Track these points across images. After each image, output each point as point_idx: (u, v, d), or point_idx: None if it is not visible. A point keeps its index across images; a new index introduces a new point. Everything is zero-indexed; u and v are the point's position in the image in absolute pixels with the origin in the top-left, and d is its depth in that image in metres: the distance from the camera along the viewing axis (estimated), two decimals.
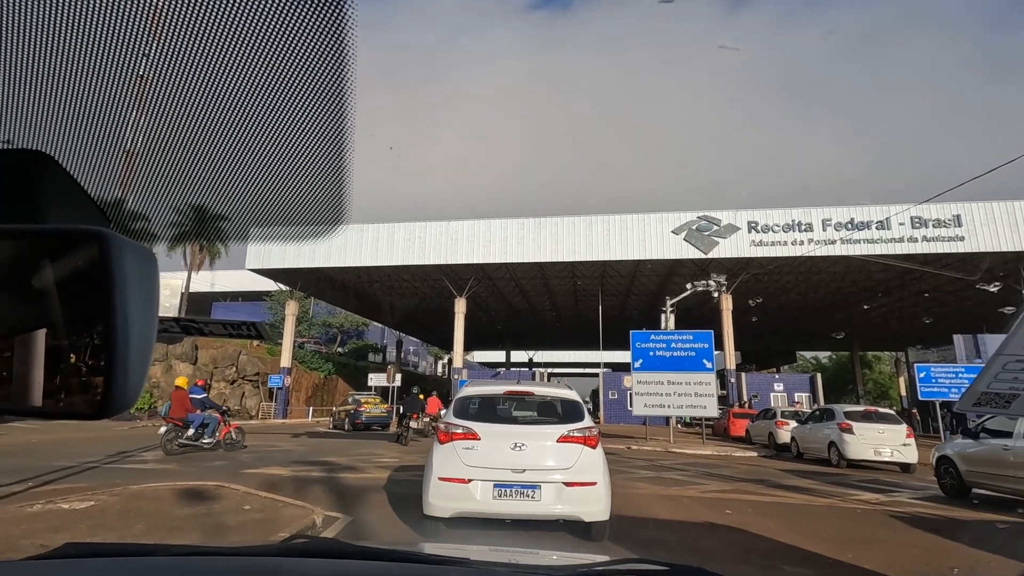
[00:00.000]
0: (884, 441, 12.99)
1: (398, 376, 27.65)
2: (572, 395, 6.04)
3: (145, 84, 0.87)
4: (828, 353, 57.97)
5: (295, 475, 9.61)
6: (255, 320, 39.29)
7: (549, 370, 55.02)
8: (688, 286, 20.97)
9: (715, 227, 28.19)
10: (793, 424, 17.64)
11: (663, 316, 19.51)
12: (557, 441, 5.32)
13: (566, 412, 5.77)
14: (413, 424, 15.74)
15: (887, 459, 12.91)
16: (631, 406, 34.25)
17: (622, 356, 54.86)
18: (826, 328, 43.29)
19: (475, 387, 6.20)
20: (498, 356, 54.03)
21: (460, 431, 5.36)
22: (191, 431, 12.21)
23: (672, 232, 28.43)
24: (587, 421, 5.63)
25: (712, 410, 17.71)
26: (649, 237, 28.59)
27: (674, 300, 20.21)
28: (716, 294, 21.27)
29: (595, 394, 53.16)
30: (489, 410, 5.83)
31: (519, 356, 56.57)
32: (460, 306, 31.80)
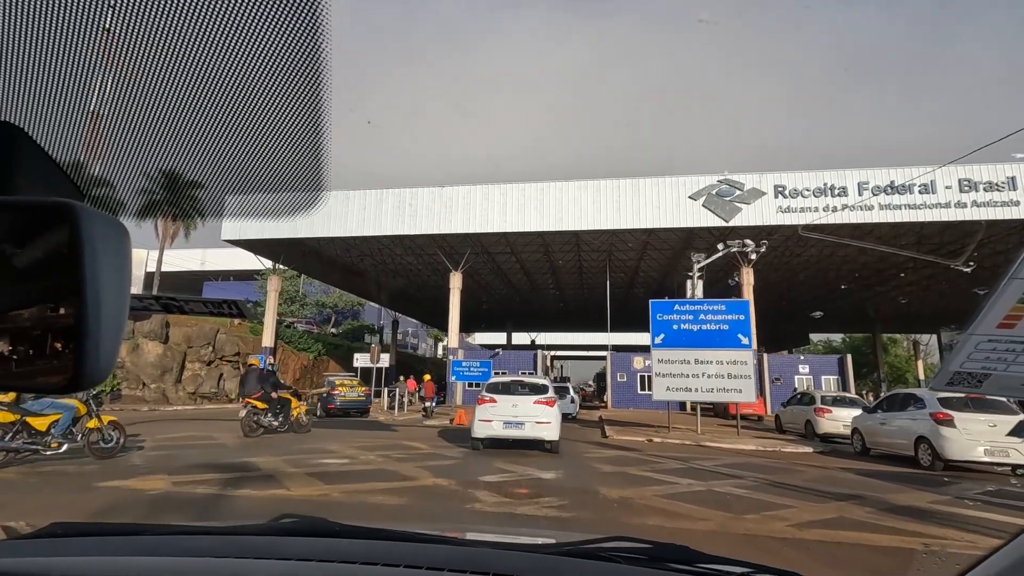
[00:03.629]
0: (998, 436, 9.45)
1: (385, 357, 24.22)
2: (544, 381, 11.52)
3: (112, 38, 0.77)
4: (840, 336, 54.34)
5: (170, 491, 6.17)
6: (237, 298, 35.97)
7: (552, 352, 51.72)
8: (720, 246, 17.35)
9: (737, 191, 24.50)
10: (839, 411, 14.48)
11: (689, 283, 15.96)
12: (533, 403, 10.36)
13: (539, 389, 10.85)
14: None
15: (1002, 460, 9.38)
16: (642, 389, 30.80)
17: (628, 338, 51.31)
18: (846, 310, 39.64)
19: (497, 379, 11.80)
20: (500, 338, 50.58)
21: (488, 398, 10.58)
22: (431, 404, 19.49)
23: (689, 198, 24.77)
24: (549, 394, 10.65)
25: (749, 394, 14.19)
26: (664, 203, 24.94)
27: (702, 263, 16.61)
28: (744, 256, 17.48)
29: (600, 377, 49.69)
30: (503, 388, 10.90)
31: (522, 338, 53.12)
32: (455, 281, 28.29)
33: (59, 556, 1.04)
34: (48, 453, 7.51)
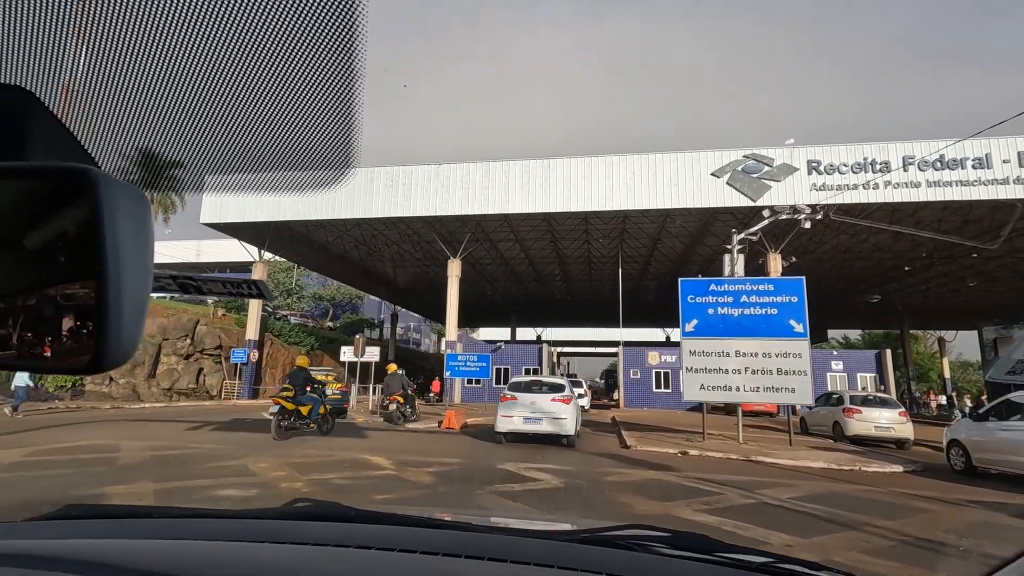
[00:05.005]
0: None
1: (374, 350, 21.27)
2: (560, 380, 11.56)
3: (87, 5, 0.69)
4: (858, 332, 50.93)
5: None
6: (258, 279, 33.36)
7: (558, 349, 48.76)
8: (766, 212, 14.21)
9: (766, 168, 21.36)
10: (869, 412, 13.20)
11: (727, 258, 12.79)
12: (550, 400, 10.44)
13: (557, 388, 10.87)
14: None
15: None
16: (658, 387, 27.43)
17: (639, 334, 48.10)
18: (871, 303, 36.28)
19: (518, 378, 11.70)
20: (504, 334, 47.60)
21: (510, 396, 10.66)
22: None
23: (712, 175, 21.65)
24: (565, 392, 10.70)
25: (805, 394, 11.11)
26: (682, 181, 21.85)
27: (745, 233, 13.47)
28: (791, 226, 14.27)
29: (609, 374, 46.50)
30: (523, 387, 10.91)
31: (528, 334, 50.07)
32: (454, 269, 25.33)
33: (74, 538, 1.01)
34: (306, 430, 10.56)
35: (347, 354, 22.07)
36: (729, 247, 12.74)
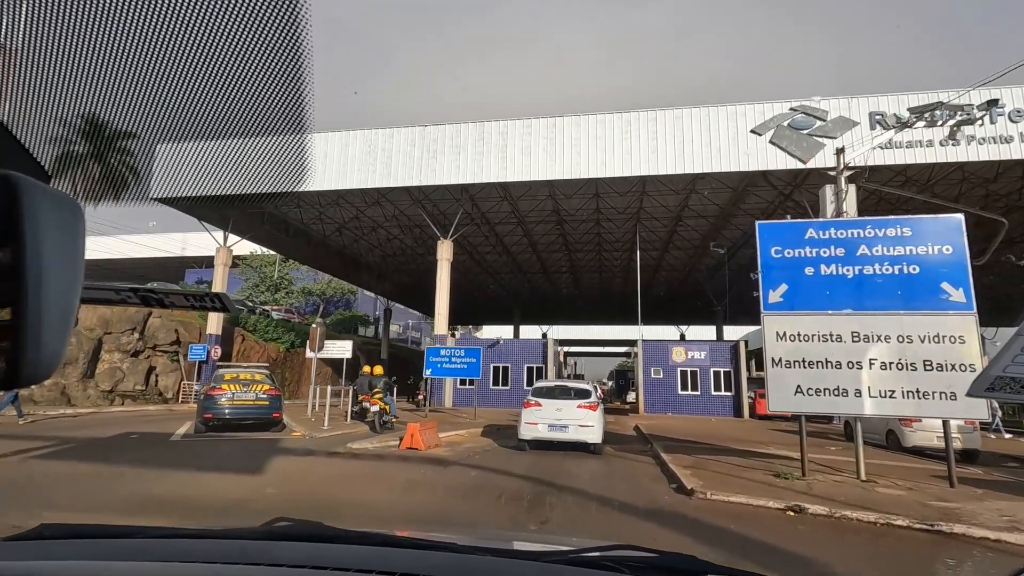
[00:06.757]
0: None
1: (345, 345, 16.93)
2: (586, 386, 10.85)
3: None
4: None
5: None
6: (220, 291, 29.13)
7: (565, 348, 44.19)
8: (881, 131, 9.56)
9: (819, 122, 16.82)
10: (930, 420, 9.88)
11: (828, 189, 8.07)
12: (576, 407, 9.82)
13: (583, 394, 10.28)
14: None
15: None
16: (684, 388, 21.95)
17: (653, 331, 43.47)
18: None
19: (542, 383, 11.16)
20: (509, 332, 43.14)
21: (534, 402, 9.99)
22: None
23: (752, 132, 17.17)
24: (592, 399, 10.13)
25: (977, 404, 6.61)
26: (717, 140, 17.38)
27: (859, 151, 8.38)
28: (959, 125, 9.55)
29: (620, 374, 41.89)
30: (547, 392, 10.30)
31: (533, 332, 45.55)
32: (444, 251, 20.94)
33: (46, 559, 0.95)
34: (391, 424, 12.07)
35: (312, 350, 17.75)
36: (831, 171, 8.18)
